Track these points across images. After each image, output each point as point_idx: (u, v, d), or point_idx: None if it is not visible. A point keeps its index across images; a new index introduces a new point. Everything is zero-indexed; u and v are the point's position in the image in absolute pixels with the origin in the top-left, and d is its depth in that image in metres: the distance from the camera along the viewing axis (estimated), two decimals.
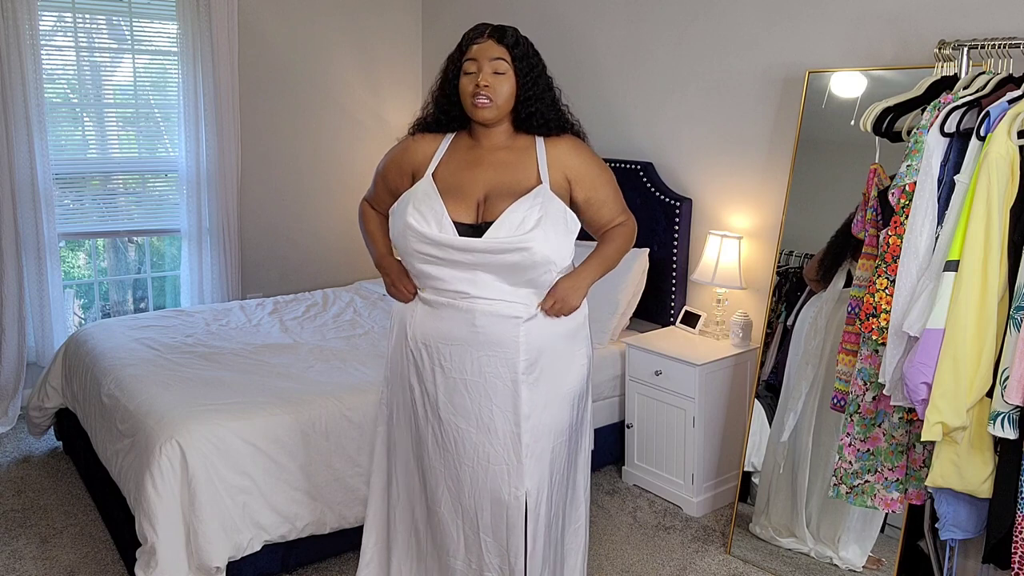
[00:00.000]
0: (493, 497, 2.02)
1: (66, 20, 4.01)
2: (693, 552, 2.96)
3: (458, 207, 1.97)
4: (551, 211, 1.94)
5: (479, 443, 2.01)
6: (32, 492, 3.28)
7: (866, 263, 2.42)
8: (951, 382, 1.94)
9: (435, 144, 2.10)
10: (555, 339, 2.03)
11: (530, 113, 2.01)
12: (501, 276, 1.95)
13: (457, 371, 2.01)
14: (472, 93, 1.97)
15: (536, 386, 2.00)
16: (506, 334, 1.97)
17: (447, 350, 2.01)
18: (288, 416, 2.65)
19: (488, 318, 1.96)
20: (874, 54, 2.86)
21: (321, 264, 4.91)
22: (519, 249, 1.90)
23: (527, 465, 1.99)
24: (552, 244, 1.93)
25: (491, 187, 1.99)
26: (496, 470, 2.01)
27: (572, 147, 2.06)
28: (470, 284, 1.96)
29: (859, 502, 2.36)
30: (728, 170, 3.41)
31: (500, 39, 1.98)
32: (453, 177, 2.03)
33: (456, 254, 1.94)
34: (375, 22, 4.88)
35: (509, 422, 1.99)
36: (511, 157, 2.03)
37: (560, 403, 2.05)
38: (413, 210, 1.96)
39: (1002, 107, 2.03)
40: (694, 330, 3.45)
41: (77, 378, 3.25)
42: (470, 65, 1.99)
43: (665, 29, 3.61)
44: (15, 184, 3.80)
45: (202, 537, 2.43)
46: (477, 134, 2.07)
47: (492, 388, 1.99)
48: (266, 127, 4.57)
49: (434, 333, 2.02)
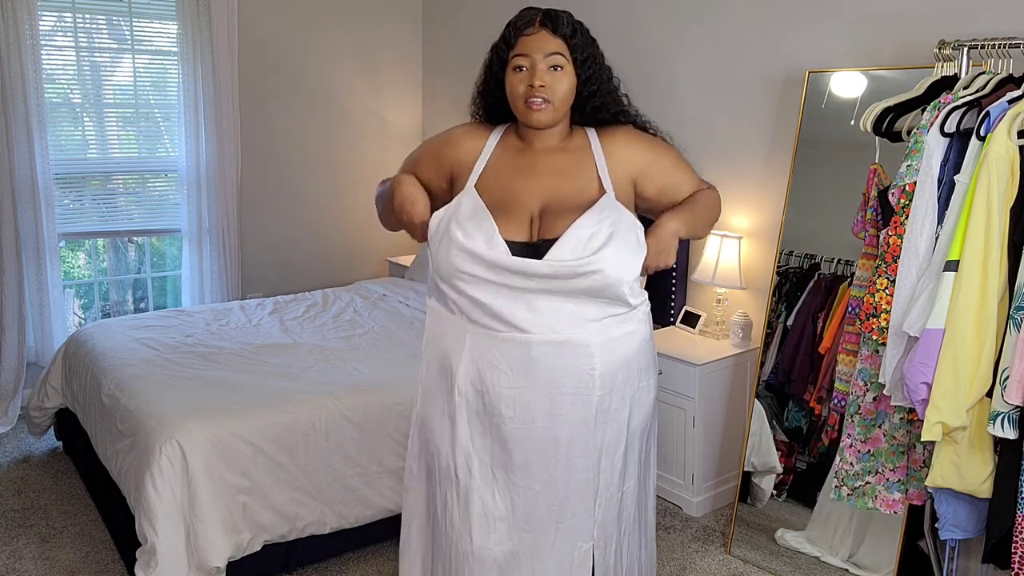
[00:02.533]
0: (558, 561, 1.72)
1: (66, 20, 4.00)
2: (693, 552, 2.96)
3: (509, 224, 1.67)
4: (621, 226, 1.65)
5: (542, 502, 1.70)
6: (32, 492, 3.28)
7: (866, 263, 2.43)
8: (951, 382, 1.94)
9: (480, 142, 1.79)
10: (628, 362, 1.74)
11: (595, 107, 1.76)
12: (565, 303, 1.65)
13: (522, 419, 1.67)
14: (524, 95, 1.68)
15: (609, 424, 1.72)
16: (577, 368, 1.67)
17: (510, 396, 1.67)
18: (288, 416, 2.65)
19: (555, 348, 1.65)
20: (874, 54, 2.86)
21: (321, 264, 4.91)
22: (590, 272, 1.61)
23: (597, 515, 1.73)
24: (626, 263, 1.64)
25: (548, 199, 1.70)
26: (563, 528, 1.72)
27: (628, 139, 1.80)
28: (530, 312, 1.64)
29: (860, 504, 2.36)
30: (728, 170, 3.41)
31: (555, 29, 1.68)
32: (501, 188, 1.72)
33: (513, 278, 1.63)
34: (375, 21, 4.88)
35: (579, 470, 1.70)
36: (567, 161, 1.75)
37: (630, 441, 1.77)
38: (457, 228, 1.65)
39: (1002, 107, 2.03)
40: (694, 330, 3.45)
41: (77, 378, 3.25)
42: (521, 60, 1.68)
43: (665, 29, 3.61)
44: (15, 184, 3.80)
45: (202, 537, 2.43)
46: (528, 136, 1.77)
47: (562, 433, 1.68)
48: (266, 127, 4.57)
49: (491, 375, 1.68)
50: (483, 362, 1.69)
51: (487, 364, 1.69)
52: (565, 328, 1.66)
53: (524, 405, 1.68)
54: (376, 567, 2.83)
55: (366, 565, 2.84)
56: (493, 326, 1.67)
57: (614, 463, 1.74)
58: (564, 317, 1.66)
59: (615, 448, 1.74)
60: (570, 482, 1.71)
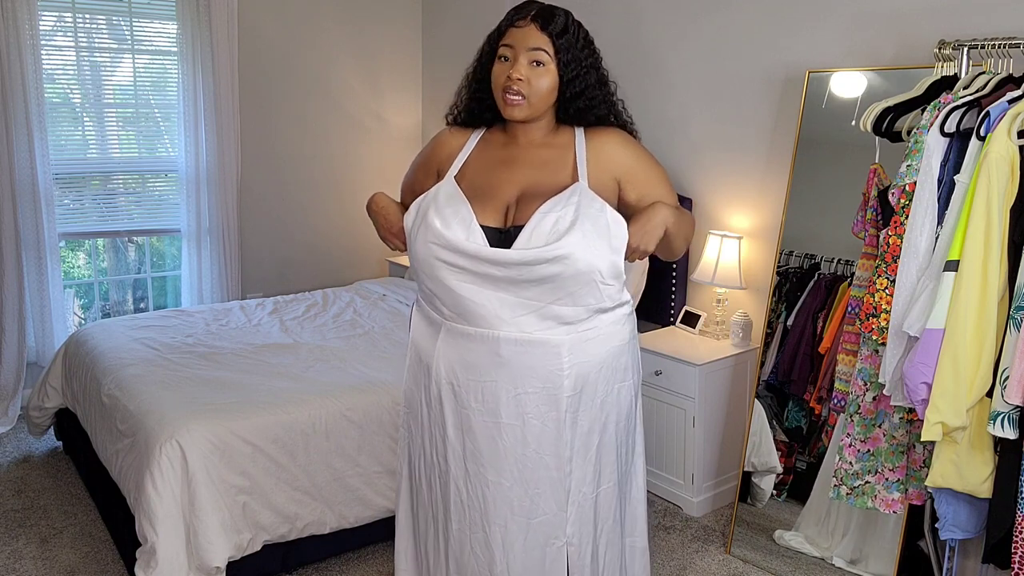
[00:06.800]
0: (529, 557, 1.74)
1: (66, 20, 4.01)
2: (693, 552, 2.96)
3: (484, 210, 1.69)
4: (589, 210, 1.63)
5: (512, 496, 1.71)
6: (32, 492, 3.28)
7: (866, 263, 2.43)
8: (951, 382, 1.94)
9: (463, 139, 1.82)
10: (603, 365, 1.73)
11: (580, 109, 1.74)
12: (538, 294, 1.64)
13: (490, 413, 1.69)
14: (503, 86, 1.68)
15: (578, 425, 1.72)
16: (547, 365, 1.67)
17: (477, 387, 1.70)
18: (288, 416, 2.65)
19: (524, 347, 1.66)
20: (874, 54, 2.86)
21: (321, 264, 4.91)
22: (558, 258, 1.59)
23: (569, 513, 1.73)
24: (594, 248, 1.61)
25: (524, 189, 1.71)
26: (535, 524, 1.73)
27: (620, 141, 1.77)
28: (499, 304, 1.65)
29: (859, 503, 2.36)
30: (728, 170, 3.41)
31: (544, 25, 1.67)
32: (481, 177, 1.74)
33: (485, 266, 1.63)
34: (375, 21, 4.88)
35: (550, 468, 1.71)
36: (549, 156, 1.75)
37: (604, 440, 1.76)
38: (434, 214, 1.66)
39: (1002, 107, 2.03)
40: (694, 330, 3.45)
41: (77, 378, 3.25)
42: (505, 50, 1.68)
43: (665, 29, 3.61)
44: (15, 184, 3.80)
45: (202, 537, 2.43)
46: (513, 129, 1.78)
47: (531, 430, 1.69)
48: (266, 127, 4.57)
49: (461, 367, 1.71)
50: (455, 357, 1.72)
51: (458, 359, 1.72)
52: (535, 328, 1.67)
53: (492, 398, 1.70)
54: (376, 567, 2.83)
55: (366, 565, 2.84)
56: (465, 320, 1.70)
57: (586, 464, 1.74)
58: (535, 317, 1.66)
59: (586, 449, 1.74)
60: (540, 480, 1.72)
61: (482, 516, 1.74)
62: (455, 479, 1.76)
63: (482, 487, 1.73)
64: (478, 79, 1.78)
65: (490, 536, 1.73)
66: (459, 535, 1.77)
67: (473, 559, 1.76)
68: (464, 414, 1.73)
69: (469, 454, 1.73)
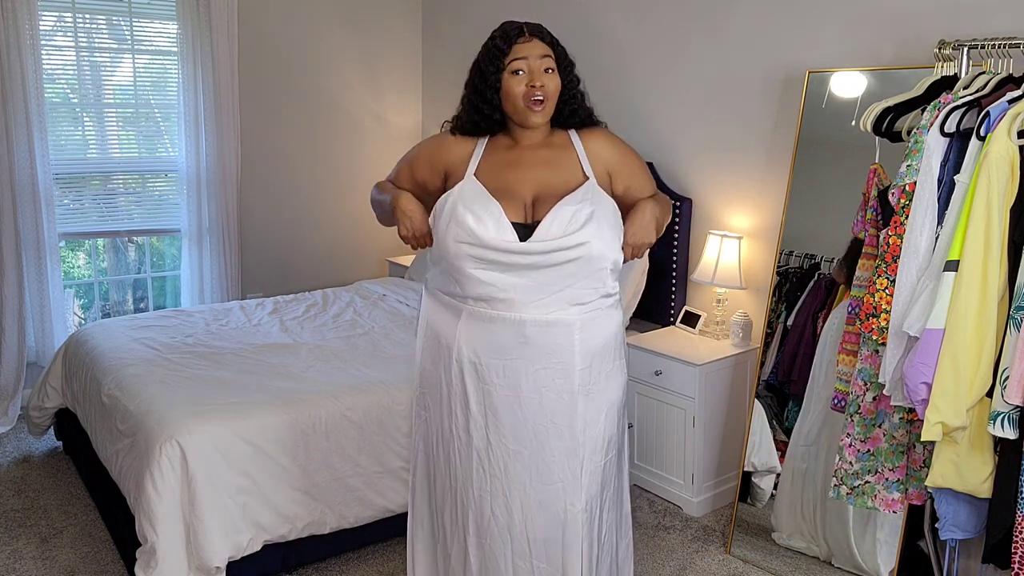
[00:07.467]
0: (548, 519, 1.90)
1: (66, 20, 4.01)
2: (693, 552, 2.96)
3: (507, 208, 1.87)
4: (602, 207, 1.87)
5: (532, 464, 1.89)
6: (32, 492, 3.28)
7: (866, 263, 2.43)
8: (951, 382, 1.94)
9: (469, 147, 1.98)
10: (605, 344, 1.93)
11: (573, 110, 1.95)
12: (557, 278, 1.85)
13: (511, 388, 1.87)
14: (526, 94, 1.86)
15: (590, 396, 1.90)
16: (562, 343, 1.86)
17: (499, 366, 1.87)
18: (288, 416, 2.65)
19: (541, 327, 1.86)
20: (874, 54, 2.86)
21: (321, 264, 4.91)
22: (576, 245, 1.82)
23: (584, 480, 1.89)
24: (607, 239, 1.85)
25: (539, 187, 1.90)
26: (552, 490, 1.89)
27: (607, 140, 2.00)
28: (523, 290, 1.85)
29: (859, 503, 2.36)
30: (728, 170, 3.41)
31: (543, 37, 1.91)
32: (496, 178, 1.92)
33: (515, 257, 1.83)
34: (375, 21, 4.88)
35: (565, 437, 1.88)
36: (552, 155, 1.95)
37: (608, 413, 1.94)
38: (465, 210, 1.84)
39: (1002, 107, 2.03)
40: (694, 330, 3.45)
41: (77, 378, 3.25)
42: (519, 64, 1.87)
43: (665, 29, 3.61)
44: (15, 184, 3.80)
45: (202, 537, 2.43)
46: (517, 134, 1.96)
47: (548, 403, 1.87)
48: (266, 127, 4.57)
49: (484, 348, 1.88)
50: (477, 338, 1.89)
51: (480, 340, 1.89)
52: (554, 308, 1.86)
53: (513, 375, 1.87)
54: (376, 567, 2.83)
55: (366, 565, 2.84)
56: (490, 305, 1.87)
57: (596, 433, 1.92)
58: (554, 299, 1.86)
59: (596, 419, 1.92)
60: (556, 448, 1.88)
61: (503, 483, 1.90)
62: (478, 450, 1.92)
63: (504, 456, 1.89)
64: (485, 98, 1.92)
65: (510, 500, 1.90)
66: (479, 500, 1.93)
67: (494, 522, 1.92)
68: (486, 390, 1.89)
69: (491, 426, 1.89)
